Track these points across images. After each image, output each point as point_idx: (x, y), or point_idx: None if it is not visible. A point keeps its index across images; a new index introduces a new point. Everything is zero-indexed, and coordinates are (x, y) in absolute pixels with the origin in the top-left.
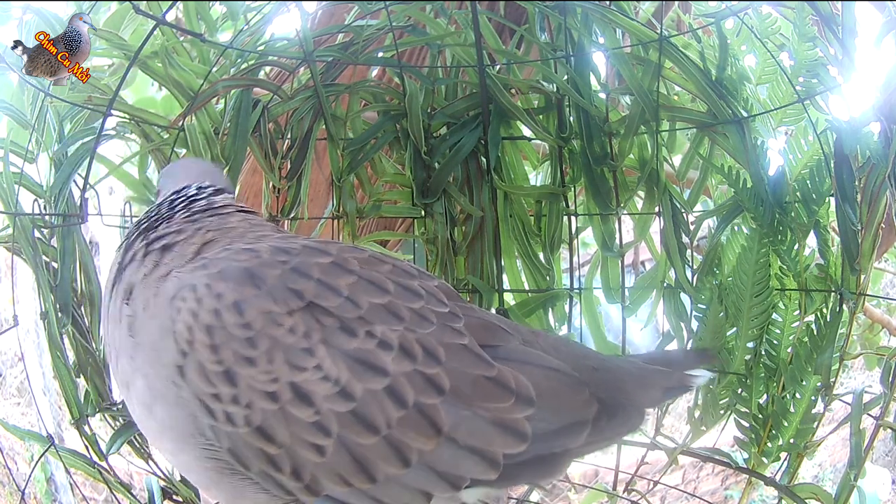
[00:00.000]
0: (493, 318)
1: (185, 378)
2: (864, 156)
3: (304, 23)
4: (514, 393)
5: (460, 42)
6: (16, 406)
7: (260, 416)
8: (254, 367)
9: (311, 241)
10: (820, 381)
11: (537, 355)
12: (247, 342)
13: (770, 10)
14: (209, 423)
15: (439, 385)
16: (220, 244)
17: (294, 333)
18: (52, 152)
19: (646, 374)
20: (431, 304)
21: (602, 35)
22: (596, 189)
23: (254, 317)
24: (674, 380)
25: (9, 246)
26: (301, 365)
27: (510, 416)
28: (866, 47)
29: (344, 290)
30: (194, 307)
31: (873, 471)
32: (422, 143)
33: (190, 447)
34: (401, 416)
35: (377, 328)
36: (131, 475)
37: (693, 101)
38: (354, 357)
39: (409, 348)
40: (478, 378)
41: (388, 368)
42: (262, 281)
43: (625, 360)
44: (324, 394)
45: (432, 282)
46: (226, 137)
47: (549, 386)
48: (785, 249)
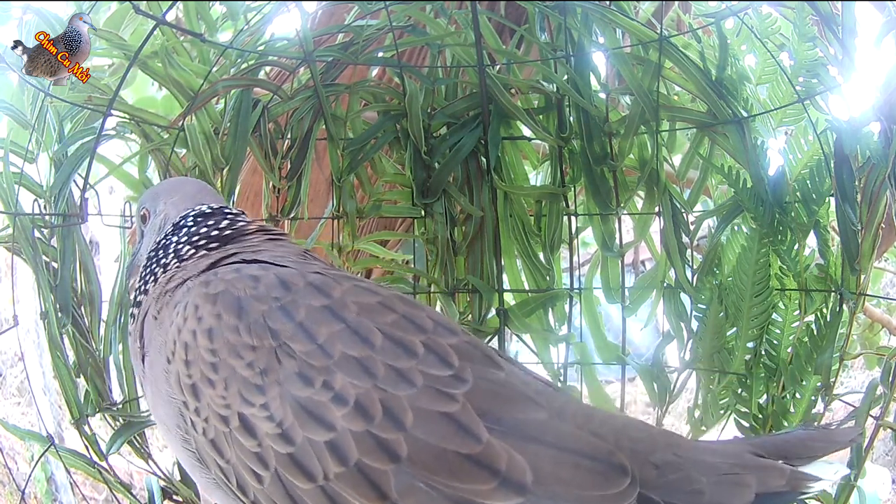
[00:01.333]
0: (517, 387)
1: (168, 382)
2: (864, 156)
3: (304, 23)
4: (500, 475)
5: (460, 42)
6: (16, 406)
7: (213, 432)
8: (213, 389)
9: (322, 278)
10: (820, 381)
11: (557, 432)
12: (211, 366)
13: (770, 10)
14: (182, 423)
15: (394, 451)
16: (236, 258)
17: (251, 368)
18: (52, 152)
19: (734, 470)
20: (427, 364)
21: (602, 35)
22: (596, 189)
23: (221, 345)
24: (775, 479)
25: (9, 246)
26: (250, 399)
27: (486, 500)
28: (866, 47)
29: (320, 338)
30: (181, 323)
31: (873, 471)
32: (422, 143)
33: (175, 437)
34: (340, 472)
35: (337, 381)
36: (131, 475)
37: (693, 101)
38: (302, 405)
39: (366, 407)
40: (447, 452)
41: (336, 423)
42: (246, 313)
43: (719, 448)
44: (266, 431)
45: (451, 339)
46: (226, 137)
47: (558, 471)
48: (785, 249)
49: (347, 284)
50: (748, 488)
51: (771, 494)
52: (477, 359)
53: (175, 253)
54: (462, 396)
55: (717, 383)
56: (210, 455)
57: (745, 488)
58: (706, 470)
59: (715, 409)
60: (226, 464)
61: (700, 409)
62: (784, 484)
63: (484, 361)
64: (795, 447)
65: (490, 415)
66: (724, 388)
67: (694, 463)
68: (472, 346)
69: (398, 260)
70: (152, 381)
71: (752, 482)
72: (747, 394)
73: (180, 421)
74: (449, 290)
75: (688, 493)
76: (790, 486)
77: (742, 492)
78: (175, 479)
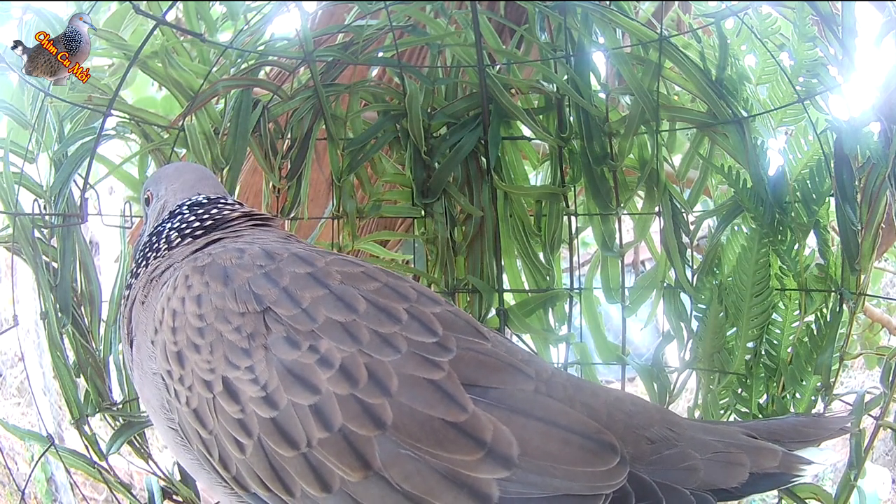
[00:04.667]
0: (504, 357)
1: (154, 351)
2: (864, 156)
3: (304, 23)
4: (486, 446)
5: (460, 42)
6: (16, 406)
7: (196, 400)
8: (198, 354)
9: (306, 251)
10: (820, 381)
11: (545, 406)
12: (197, 331)
13: (770, 10)
14: (165, 396)
15: (378, 417)
16: (222, 242)
17: (239, 333)
18: (52, 152)
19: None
20: (410, 331)
21: (602, 35)
22: (596, 189)
23: (208, 310)
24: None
25: (9, 246)
26: (235, 363)
27: (472, 472)
28: (866, 47)
29: (304, 302)
30: (170, 293)
31: (873, 470)
32: (422, 143)
33: (161, 417)
34: (323, 438)
35: (323, 344)
36: (131, 475)
37: (693, 101)
38: (288, 367)
39: (351, 371)
40: (433, 420)
41: (321, 386)
42: (231, 280)
43: (714, 427)
44: (250, 395)
45: (434, 307)
46: (226, 137)
47: (546, 445)
48: (785, 249)
49: (331, 257)
50: (742, 467)
51: (764, 475)
52: (460, 328)
53: (166, 239)
54: (447, 365)
55: (717, 383)
56: (193, 427)
57: (740, 467)
58: (701, 447)
59: (715, 409)
60: (208, 434)
61: (700, 409)
62: (777, 465)
63: (468, 331)
64: (788, 432)
65: (475, 385)
66: (724, 388)
67: (689, 440)
68: (456, 316)
69: (398, 260)
70: (139, 363)
71: (746, 461)
72: (747, 394)
73: (165, 395)
74: (449, 290)
75: (682, 469)
76: (783, 467)
77: (736, 471)
78: (175, 479)
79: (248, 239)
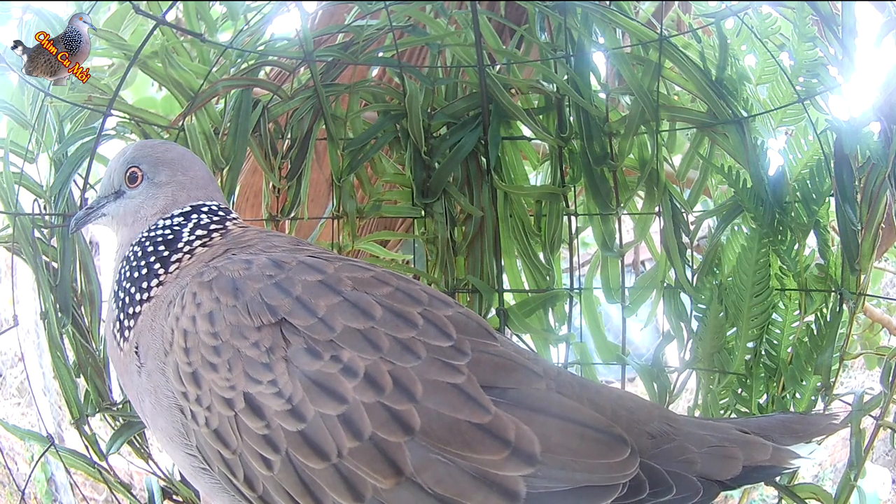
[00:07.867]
0: (516, 358)
1: (165, 374)
2: (864, 156)
3: (304, 23)
4: (510, 445)
5: (460, 42)
6: (16, 406)
7: (217, 420)
8: (216, 373)
9: (314, 258)
10: (820, 381)
11: (560, 404)
12: (213, 350)
13: (770, 10)
14: (181, 419)
15: (406, 423)
16: (228, 254)
17: (257, 348)
18: (52, 152)
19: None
20: (427, 335)
21: (602, 35)
22: (596, 189)
23: (223, 327)
24: (760, 453)
25: (9, 246)
26: (257, 378)
27: (499, 471)
28: (866, 47)
29: (320, 311)
30: (178, 312)
31: (873, 470)
32: (422, 143)
33: (178, 445)
34: (354, 447)
35: (345, 353)
36: (131, 475)
37: (693, 101)
38: (313, 378)
39: (376, 379)
40: (460, 422)
41: (347, 396)
42: (242, 293)
43: (708, 423)
44: (275, 409)
45: (446, 310)
46: (226, 137)
47: (565, 441)
48: (785, 249)
49: (339, 262)
50: (736, 460)
51: (756, 468)
52: (472, 330)
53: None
54: (465, 368)
55: (717, 383)
56: (214, 449)
57: (734, 460)
58: (697, 442)
59: (715, 409)
60: (231, 455)
61: (700, 408)
62: (768, 459)
63: (479, 333)
64: (777, 428)
65: (493, 387)
66: (724, 388)
67: (686, 435)
68: (468, 318)
69: (398, 260)
70: (152, 390)
71: (739, 455)
72: (747, 394)
73: (180, 419)
74: (449, 290)
75: (680, 461)
76: (774, 461)
77: (731, 464)
78: (175, 480)
79: (255, 249)
